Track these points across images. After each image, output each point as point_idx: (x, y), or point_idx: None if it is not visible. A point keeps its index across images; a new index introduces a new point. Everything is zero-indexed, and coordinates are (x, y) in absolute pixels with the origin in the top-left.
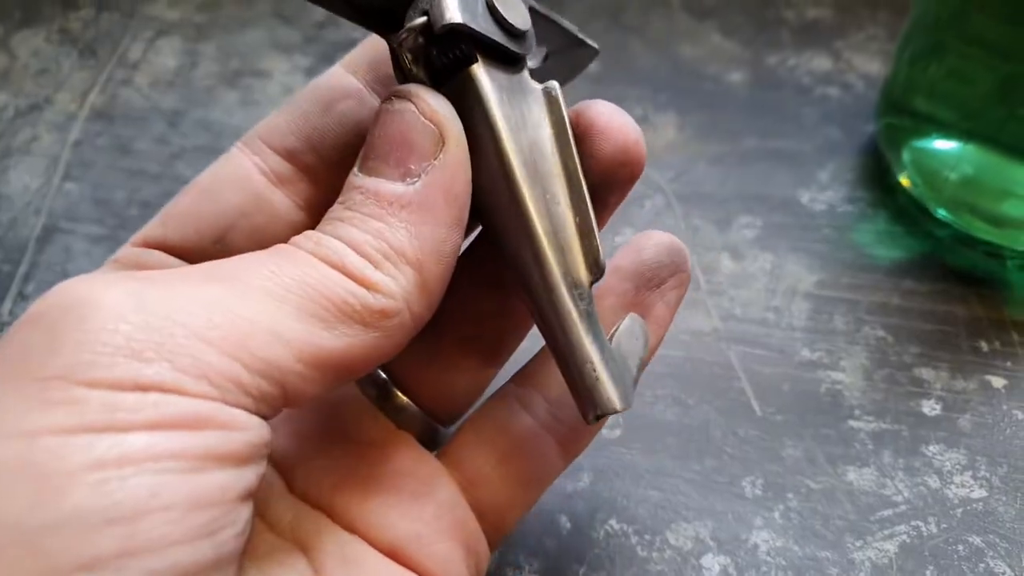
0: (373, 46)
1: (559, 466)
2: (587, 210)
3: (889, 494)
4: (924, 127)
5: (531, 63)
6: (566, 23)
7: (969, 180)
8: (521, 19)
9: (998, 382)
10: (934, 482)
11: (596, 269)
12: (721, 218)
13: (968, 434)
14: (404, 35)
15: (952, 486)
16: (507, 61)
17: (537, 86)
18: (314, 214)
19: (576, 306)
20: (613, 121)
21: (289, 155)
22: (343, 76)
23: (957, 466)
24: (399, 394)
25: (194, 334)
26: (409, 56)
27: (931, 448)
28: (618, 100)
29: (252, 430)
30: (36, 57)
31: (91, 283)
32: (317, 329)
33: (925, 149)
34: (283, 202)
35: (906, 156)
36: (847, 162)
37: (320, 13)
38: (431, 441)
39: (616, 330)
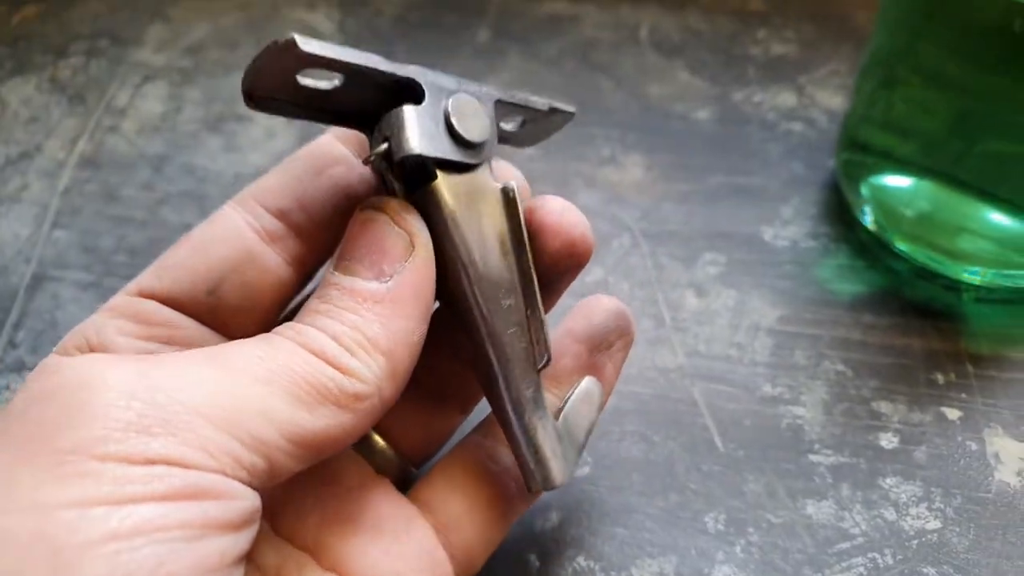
0: None
1: (522, 508)
2: (537, 303)
3: (847, 527)
4: (880, 163)
5: (509, 127)
6: (538, 101)
7: (925, 216)
8: (478, 130)
9: (953, 414)
10: (890, 514)
11: (544, 358)
12: (686, 255)
13: (924, 466)
14: (371, 158)
15: (908, 518)
16: (467, 168)
17: (496, 186)
18: (301, 270)
19: (523, 394)
20: (563, 220)
21: (281, 214)
22: (333, 144)
23: (913, 498)
24: (377, 438)
25: (195, 412)
26: (383, 165)
27: (888, 480)
28: (588, 140)
29: (247, 499)
30: (27, 105)
31: (101, 363)
32: (300, 411)
33: (882, 185)
34: (273, 258)
35: (864, 192)
36: (810, 197)
37: None
38: (404, 482)
39: (573, 392)
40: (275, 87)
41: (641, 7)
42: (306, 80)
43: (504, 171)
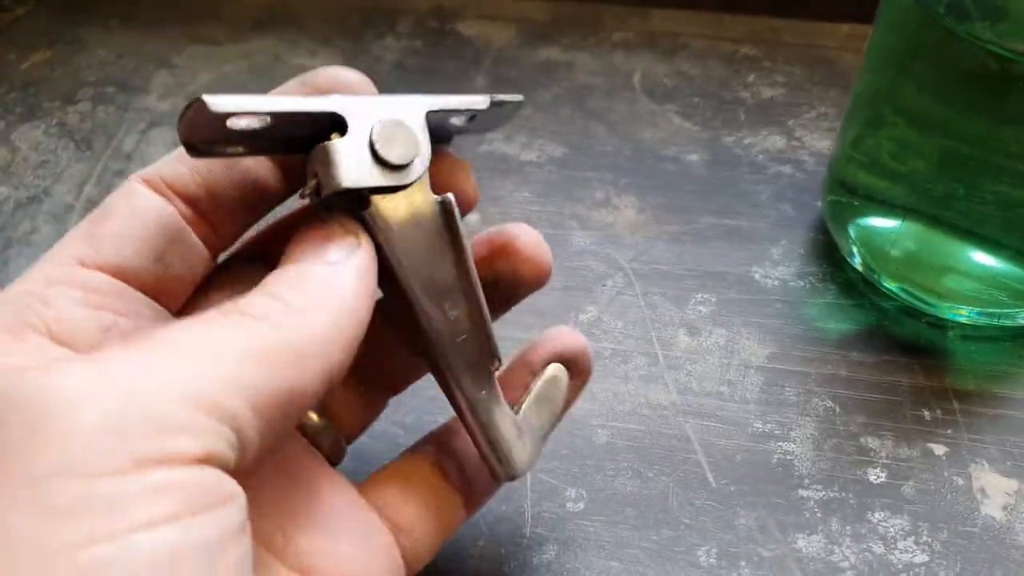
0: None
1: (462, 519)
2: (481, 308)
3: (836, 560)
4: (866, 205)
5: (457, 122)
6: (477, 100)
7: (911, 256)
8: (403, 151)
9: (939, 449)
10: (879, 548)
11: (493, 358)
12: (678, 295)
13: (911, 500)
14: (306, 192)
15: (896, 551)
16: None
17: (432, 198)
18: (212, 255)
19: (477, 392)
20: (537, 250)
21: (190, 200)
22: None
23: (901, 532)
24: (313, 415)
25: (167, 399)
26: (317, 199)
27: (876, 515)
28: (582, 183)
29: (240, 495)
30: (36, 150)
31: (42, 373)
32: (259, 373)
33: (868, 226)
34: (193, 236)
35: (851, 232)
36: (798, 238)
37: None
38: (336, 457)
39: (539, 379)
40: (209, 135)
41: (634, 54)
42: (238, 123)
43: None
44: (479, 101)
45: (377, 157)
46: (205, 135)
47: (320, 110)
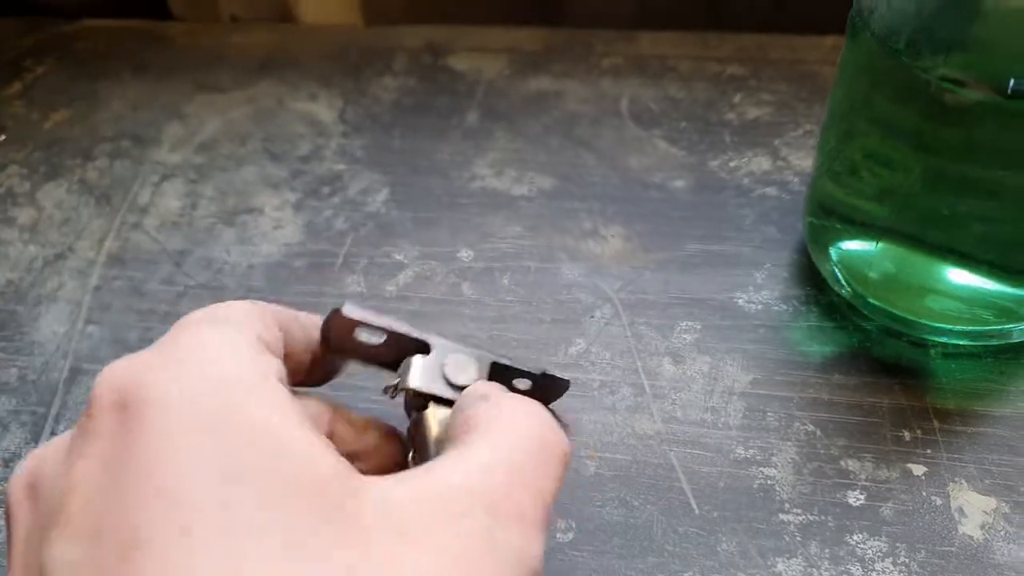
0: None
1: None
2: None
3: None
4: (844, 228)
5: (521, 386)
6: (531, 366)
7: (891, 278)
8: (465, 377)
9: (918, 470)
10: (857, 570)
11: None
12: (664, 324)
13: (889, 522)
14: (389, 388)
15: (874, 573)
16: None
17: None
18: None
19: None
20: None
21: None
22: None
23: (878, 553)
24: None
25: None
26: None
27: (855, 537)
28: (571, 214)
29: None
30: (59, 208)
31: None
32: None
33: (847, 249)
34: None
35: (832, 254)
36: (782, 260)
37: (305, 148)
38: None
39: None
40: (341, 339)
41: (622, 79)
42: (361, 336)
43: None
44: (532, 368)
45: (444, 376)
46: (339, 338)
47: (417, 336)
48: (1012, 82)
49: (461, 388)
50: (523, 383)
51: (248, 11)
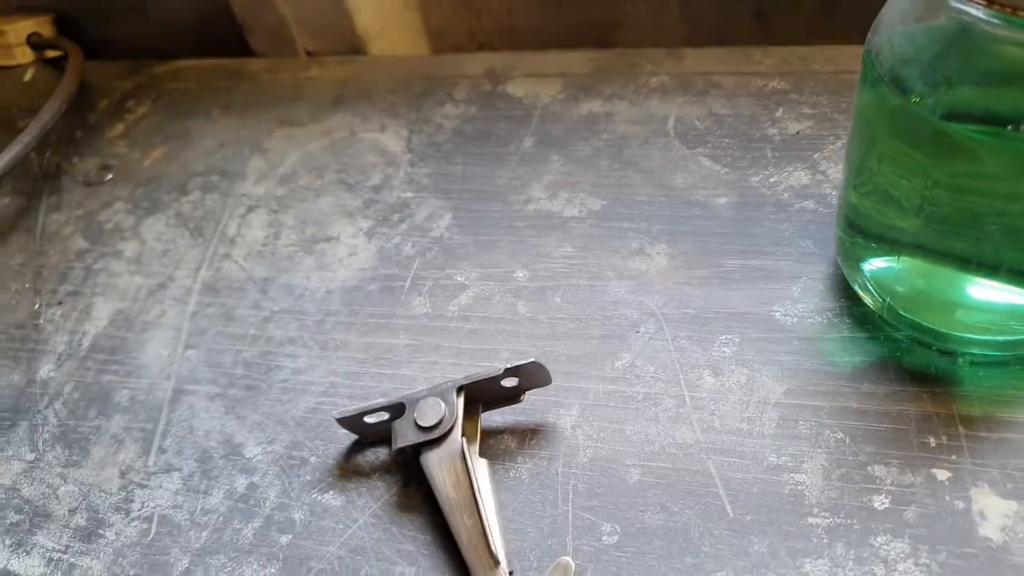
0: None
1: None
2: (483, 524)
3: None
4: (873, 244)
5: (508, 383)
6: (493, 369)
7: (919, 292)
8: (432, 417)
9: (943, 475)
10: (880, 570)
11: (495, 561)
12: (704, 337)
13: (912, 524)
14: (391, 450)
15: (896, 573)
16: (440, 439)
17: (457, 447)
18: None
19: None
20: None
21: None
22: None
23: (901, 554)
24: None
25: None
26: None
27: (879, 539)
28: (619, 234)
29: None
30: (159, 240)
31: None
32: None
33: (876, 263)
34: None
35: (862, 269)
36: (818, 273)
37: (376, 178)
38: None
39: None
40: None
41: (669, 98)
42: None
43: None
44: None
45: (416, 425)
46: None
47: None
48: (1011, 116)
49: (433, 427)
50: (510, 380)
51: (322, 46)
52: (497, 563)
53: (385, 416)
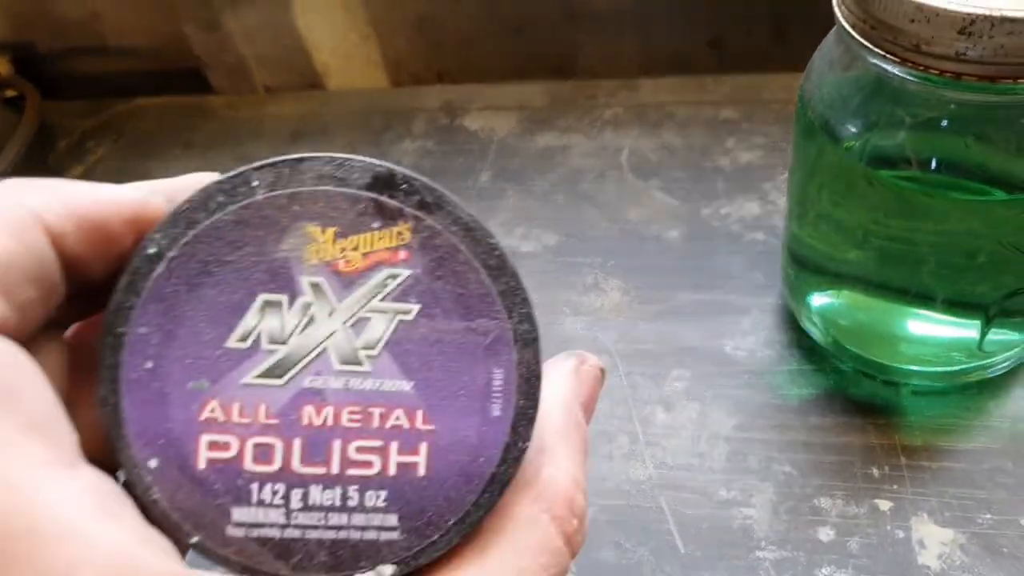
0: None
1: None
2: None
3: None
4: (812, 277)
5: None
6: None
7: (862, 326)
8: None
9: (884, 505)
10: None
11: None
12: (657, 373)
13: (856, 555)
14: None
15: None
16: None
17: None
18: None
19: None
20: None
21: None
22: None
23: None
24: None
25: None
26: None
27: (824, 570)
28: (575, 269)
29: None
30: None
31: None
32: None
33: (821, 298)
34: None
35: (808, 302)
36: (767, 306)
37: None
38: None
39: None
40: None
41: (623, 130)
42: None
43: None
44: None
45: None
46: None
47: None
48: (934, 161)
49: None
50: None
51: (281, 81)
52: None
53: None
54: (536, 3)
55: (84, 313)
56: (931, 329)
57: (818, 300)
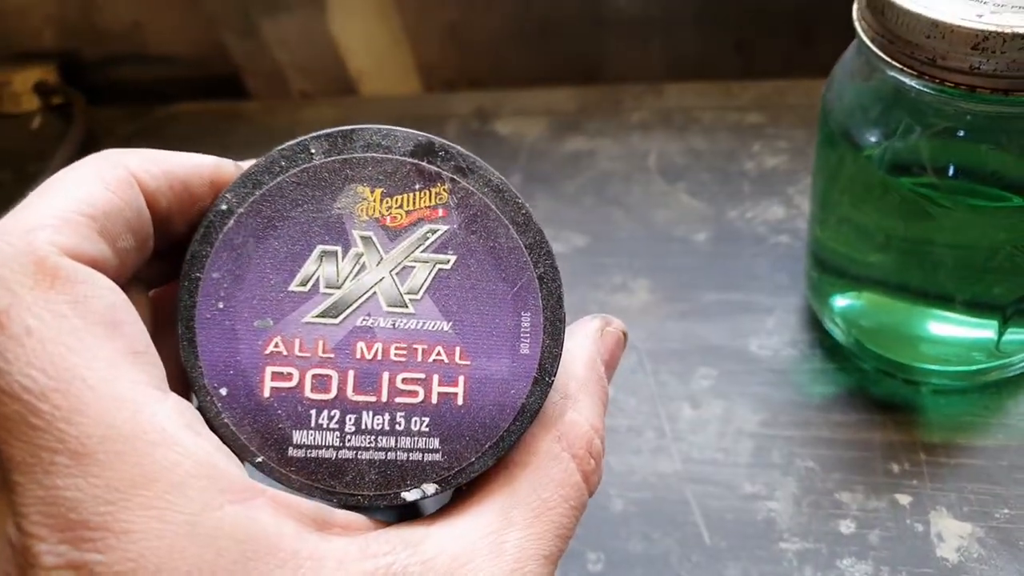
0: None
1: None
2: None
3: None
4: (839, 281)
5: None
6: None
7: (883, 327)
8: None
9: (904, 499)
10: None
11: None
12: (684, 371)
13: (875, 547)
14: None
15: None
16: None
17: None
18: None
19: None
20: None
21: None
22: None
23: (864, 575)
24: None
25: None
26: None
27: (844, 562)
28: (602, 270)
29: None
30: None
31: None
32: None
33: (843, 300)
34: None
35: (830, 304)
36: (791, 306)
37: None
38: None
39: None
40: None
41: (650, 134)
42: None
43: None
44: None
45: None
46: None
47: None
48: (951, 168)
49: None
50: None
51: (316, 87)
52: None
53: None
54: (565, 10)
55: (164, 275)
56: (950, 330)
57: (840, 301)
